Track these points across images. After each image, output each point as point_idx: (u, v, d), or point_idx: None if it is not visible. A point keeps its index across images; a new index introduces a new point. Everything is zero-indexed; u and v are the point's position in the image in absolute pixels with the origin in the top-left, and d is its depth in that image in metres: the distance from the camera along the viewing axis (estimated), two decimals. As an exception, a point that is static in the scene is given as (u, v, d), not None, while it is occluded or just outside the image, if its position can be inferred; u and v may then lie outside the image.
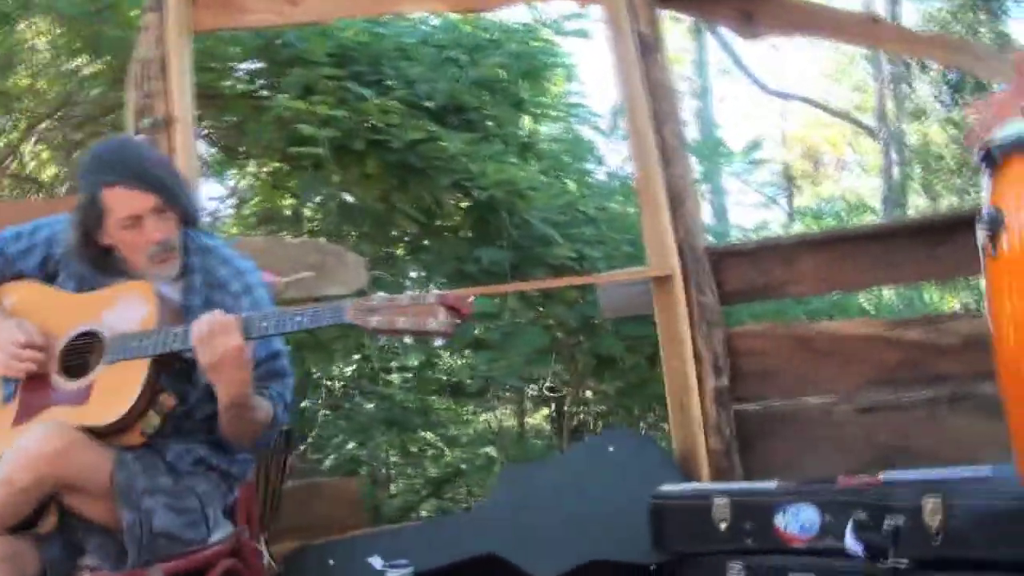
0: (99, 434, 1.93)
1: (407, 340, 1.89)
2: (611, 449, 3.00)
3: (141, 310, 2.02)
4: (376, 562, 2.41)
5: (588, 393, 5.02)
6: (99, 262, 2.10)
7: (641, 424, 4.85)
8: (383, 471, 5.33)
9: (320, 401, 5.33)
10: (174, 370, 2.01)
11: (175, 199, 2.06)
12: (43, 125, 4.81)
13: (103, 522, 1.94)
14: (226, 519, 2.21)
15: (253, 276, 2.19)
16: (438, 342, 1.84)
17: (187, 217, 2.13)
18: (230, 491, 2.21)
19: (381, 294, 1.87)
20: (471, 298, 1.86)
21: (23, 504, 1.85)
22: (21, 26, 4.58)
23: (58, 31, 4.58)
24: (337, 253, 3.59)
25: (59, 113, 4.71)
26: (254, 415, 2.01)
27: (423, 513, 4.96)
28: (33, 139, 4.97)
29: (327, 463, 5.08)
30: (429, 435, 5.32)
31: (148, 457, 1.98)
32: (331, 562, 2.95)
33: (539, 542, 2.84)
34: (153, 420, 1.98)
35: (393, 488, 5.32)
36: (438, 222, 4.56)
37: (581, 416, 5.10)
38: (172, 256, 2.09)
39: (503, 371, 4.06)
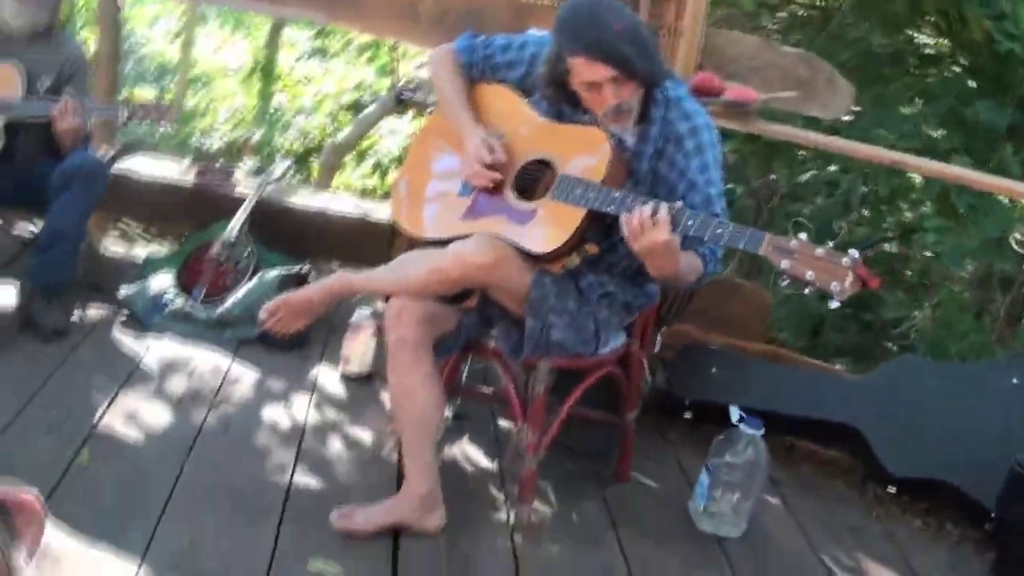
0: (526, 256, 2.22)
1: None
2: (1015, 381, 2.84)
3: (593, 159, 2.20)
4: (734, 412, 2.61)
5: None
6: (567, 99, 2.31)
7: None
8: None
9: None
10: (604, 224, 2.22)
11: (635, 72, 2.16)
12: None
13: (514, 313, 2.32)
14: (620, 332, 2.49)
15: (709, 135, 2.27)
16: (832, 304, 1.81)
17: (649, 82, 2.23)
18: (629, 315, 2.48)
19: (801, 237, 1.83)
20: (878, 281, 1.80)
21: (447, 290, 2.27)
22: None
23: None
24: (829, 74, 3.49)
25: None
26: (683, 279, 2.16)
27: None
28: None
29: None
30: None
31: (564, 281, 2.29)
32: (714, 370, 3.17)
33: (903, 439, 2.85)
34: (574, 260, 2.25)
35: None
36: (950, 57, 4.14)
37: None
38: (626, 117, 2.24)
39: (949, 252, 3.65)
